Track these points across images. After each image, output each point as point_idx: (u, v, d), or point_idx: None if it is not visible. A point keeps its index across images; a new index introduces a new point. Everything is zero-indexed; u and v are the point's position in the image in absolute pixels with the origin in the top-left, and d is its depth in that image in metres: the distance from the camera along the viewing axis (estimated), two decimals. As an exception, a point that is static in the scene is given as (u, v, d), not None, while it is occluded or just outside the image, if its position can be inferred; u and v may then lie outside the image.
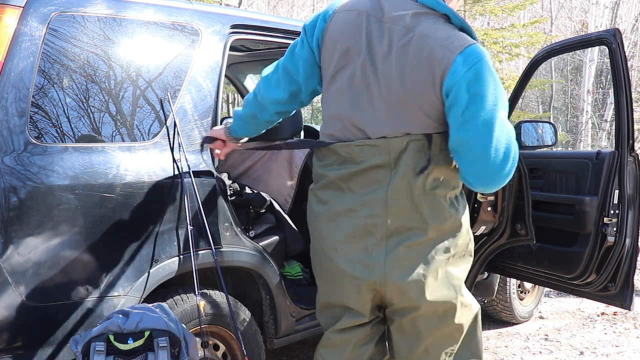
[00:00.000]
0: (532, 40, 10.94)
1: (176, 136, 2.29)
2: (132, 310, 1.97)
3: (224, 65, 2.52)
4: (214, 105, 2.44)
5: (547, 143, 3.38)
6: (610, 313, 4.43)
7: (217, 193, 2.41)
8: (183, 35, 2.42)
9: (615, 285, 2.65)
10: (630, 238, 2.61)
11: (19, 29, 1.98)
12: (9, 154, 1.92)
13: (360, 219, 1.84)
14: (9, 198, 1.90)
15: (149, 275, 2.19)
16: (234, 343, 2.48)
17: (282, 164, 3.09)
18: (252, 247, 2.53)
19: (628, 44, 16.05)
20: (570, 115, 19.16)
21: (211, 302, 2.38)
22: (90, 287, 2.06)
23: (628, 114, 2.58)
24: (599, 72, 17.21)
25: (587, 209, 2.71)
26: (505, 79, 11.07)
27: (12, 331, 1.92)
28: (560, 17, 19.13)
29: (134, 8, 2.29)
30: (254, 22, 2.75)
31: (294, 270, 3.19)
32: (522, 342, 3.89)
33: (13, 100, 1.95)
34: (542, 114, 16.84)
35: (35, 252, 1.94)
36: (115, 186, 2.11)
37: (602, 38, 2.67)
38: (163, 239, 2.23)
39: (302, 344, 3.66)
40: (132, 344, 1.89)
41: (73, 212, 2.01)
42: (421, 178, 1.77)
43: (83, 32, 2.14)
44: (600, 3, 14.54)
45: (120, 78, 2.25)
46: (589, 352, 3.71)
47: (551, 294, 4.97)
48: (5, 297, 1.90)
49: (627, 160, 2.61)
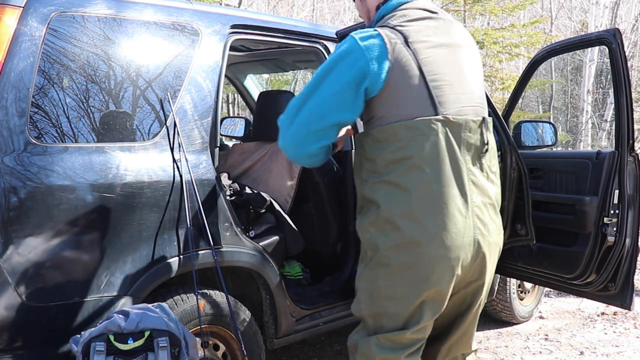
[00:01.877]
0: (532, 40, 10.94)
1: (176, 136, 2.29)
2: (132, 310, 1.97)
3: (224, 65, 2.52)
4: (214, 105, 2.44)
5: (547, 143, 3.38)
6: (610, 313, 4.43)
7: (217, 193, 2.41)
8: (183, 35, 2.42)
9: (615, 285, 2.65)
10: (630, 238, 2.61)
11: (19, 29, 1.98)
12: (9, 154, 1.92)
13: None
14: (9, 198, 1.90)
15: (149, 275, 2.19)
16: (234, 343, 2.48)
17: (282, 164, 3.09)
18: (252, 247, 2.53)
19: (628, 44, 16.04)
20: (570, 115, 19.16)
21: (211, 302, 2.38)
22: (90, 287, 2.06)
23: (628, 114, 2.58)
24: (599, 72, 17.21)
25: (587, 209, 2.71)
26: (505, 79, 11.07)
27: (12, 331, 1.93)
28: (560, 17, 19.13)
29: (134, 8, 2.29)
30: (254, 22, 2.75)
31: (294, 270, 3.19)
32: (522, 342, 3.89)
33: (13, 100, 1.95)
34: (542, 114, 16.83)
35: (35, 252, 1.94)
36: (115, 186, 2.11)
37: (602, 38, 2.67)
38: (163, 239, 2.23)
39: (302, 344, 3.66)
40: (132, 344, 1.90)
41: (73, 212, 2.01)
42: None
43: (83, 32, 2.14)
44: (600, 3, 14.53)
45: (120, 78, 2.25)
46: (589, 352, 3.71)
47: (551, 294, 4.97)
48: (5, 297, 1.90)
49: (627, 160, 2.61)
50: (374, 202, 1.89)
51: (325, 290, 3.06)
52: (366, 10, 2.09)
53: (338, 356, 3.57)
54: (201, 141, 2.38)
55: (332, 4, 19.42)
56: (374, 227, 1.90)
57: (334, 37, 2.97)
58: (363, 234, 1.95)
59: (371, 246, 1.92)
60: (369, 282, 1.94)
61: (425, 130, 1.82)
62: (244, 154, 3.27)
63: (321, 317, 2.93)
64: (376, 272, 1.91)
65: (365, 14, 2.11)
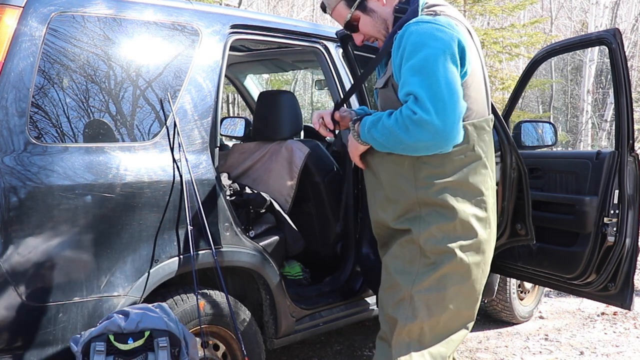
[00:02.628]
0: (532, 40, 10.94)
1: (176, 136, 2.29)
2: (132, 310, 1.97)
3: (224, 65, 2.52)
4: (214, 105, 2.44)
5: (547, 143, 3.37)
6: (610, 313, 4.43)
7: (217, 193, 2.41)
8: (183, 35, 2.42)
9: (615, 285, 2.65)
10: (630, 238, 2.61)
11: (19, 29, 1.98)
12: (9, 154, 1.92)
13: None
14: (9, 198, 1.90)
15: (149, 275, 2.19)
16: (234, 343, 2.48)
17: (282, 164, 3.09)
18: (252, 247, 2.53)
19: (628, 44, 16.04)
20: (570, 115, 19.15)
21: (211, 302, 2.38)
22: (90, 287, 2.06)
23: (628, 114, 2.58)
24: (599, 72, 17.20)
25: (587, 209, 2.70)
26: (505, 79, 11.08)
27: (12, 331, 1.93)
28: (560, 17, 19.12)
29: (134, 8, 2.29)
30: (254, 22, 2.75)
31: (294, 270, 3.19)
32: (522, 342, 3.88)
33: (13, 100, 1.95)
34: (542, 114, 16.83)
35: (35, 252, 1.94)
36: (115, 186, 2.11)
37: (602, 38, 2.66)
38: (163, 239, 2.23)
39: (302, 344, 3.66)
40: (132, 344, 1.90)
41: (73, 212, 2.01)
42: None
43: (83, 32, 2.14)
44: (600, 3, 14.53)
45: (120, 78, 2.25)
46: (589, 352, 3.71)
47: (551, 294, 4.97)
48: (5, 297, 1.90)
49: (627, 160, 2.60)
50: (444, 206, 1.85)
51: (325, 290, 3.06)
52: (382, 21, 2.00)
53: (338, 356, 3.57)
54: (201, 141, 2.38)
55: (332, 4, 19.38)
56: (443, 232, 1.86)
57: (334, 37, 2.97)
58: (426, 239, 1.88)
59: (437, 251, 1.87)
60: (433, 289, 1.89)
61: (487, 129, 1.87)
62: (244, 154, 3.27)
63: (321, 317, 2.93)
64: (445, 278, 1.88)
65: (381, 24, 2.01)
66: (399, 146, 1.79)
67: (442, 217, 1.85)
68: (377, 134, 1.83)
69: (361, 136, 1.91)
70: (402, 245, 1.93)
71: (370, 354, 3.57)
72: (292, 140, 3.14)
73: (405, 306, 1.90)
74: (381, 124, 1.81)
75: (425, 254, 1.88)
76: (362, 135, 1.91)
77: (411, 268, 1.91)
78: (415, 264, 1.90)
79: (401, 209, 1.92)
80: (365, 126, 1.87)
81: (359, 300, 3.11)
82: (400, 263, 1.93)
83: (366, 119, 1.90)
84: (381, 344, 2.01)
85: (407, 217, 1.91)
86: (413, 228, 1.89)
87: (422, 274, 1.89)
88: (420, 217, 1.88)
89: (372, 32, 2.04)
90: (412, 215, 1.90)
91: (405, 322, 1.90)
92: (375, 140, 1.85)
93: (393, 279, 1.94)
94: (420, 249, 1.89)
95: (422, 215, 1.88)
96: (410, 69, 1.74)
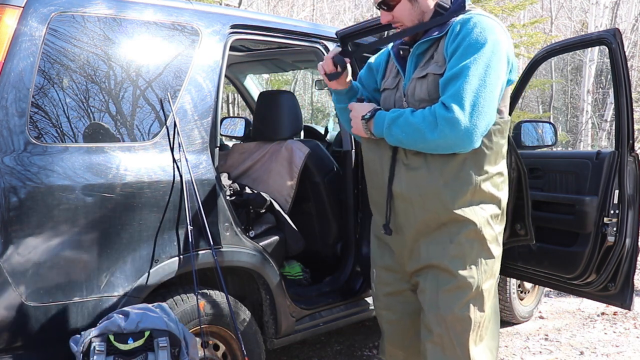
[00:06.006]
0: (532, 40, 10.93)
1: (176, 136, 2.29)
2: (132, 310, 1.97)
3: (224, 65, 2.52)
4: (214, 105, 2.44)
5: (547, 143, 3.37)
6: (610, 313, 4.43)
7: (217, 193, 2.41)
8: (183, 35, 2.42)
9: (615, 285, 2.65)
10: (630, 238, 2.61)
11: (19, 29, 1.98)
12: (9, 154, 1.92)
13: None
14: (9, 198, 1.90)
15: (149, 275, 2.19)
16: (234, 343, 2.48)
17: (282, 164, 3.09)
18: (252, 247, 2.53)
19: (628, 44, 16.03)
20: (570, 115, 19.14)
21: (211, 302, 2.38)
22: (90, 287, 2.06)
23: (628, 114, 2.58)
24: (599, 72, 17.19)
25: (587, 209, 2.71)
26: (505, 79, 11.04)
27: (12, 331, 1.92)
28: (560, 17, 19.11)
29: (134, 8, 2.29)
30: (254, 22, 2.75)
31: (294, 270, 3.19)
32: (522, 342, 3.88)
33: (13, 100, 1.95)
34: (542, 114, 16.82)
35: (35, 252, 1.94)
36: (115, 186, 2.11)
37: (602, 38, 2.66)
38: (163, 239, 2.23)
39: (302, 344, 3.66)
40: (132, 344, 1.90)
41: (73, 212, 2.01)
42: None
43: (83, 32, 2.14)
44: (600, 3, 14.52)
45: (120, 78, 2.25)
46: (589, 352, 3.71)
47: (551, 294, 4.97)
48: (5, 297, 1.90)
49: (627, 160, 2.61)
50: (494, 196, 1.93)
51: (325, 290, 3.06)
52: (420, 12, 1.95)
53: (338, 356, 3.56)
54: (201, 141, 2.38)
55: (332, 4, 19.41)
56: (495, 222, 1.95)
57: (334, 37, 2.97)
58: (486, 229, 1.91)
59: (493, 241, 1.95)
60: (493, 281, 1.97)
61: (507, 127, 1.96)
62: (244, 154, 3.27)
63: (321, 317, 2.93)
64: (497, 268, 1.98)
65: (417, 15, 1.95)
66: (419, 144, 1.82)
67: (495, 206, 1.94)
68: (396, 129, 1.84)
69: (375, 132, 1.92)
70: (461, 243, 1.91)
71: (371, 354, 3.57)
72: (292, 140, 3.14)
73: (477, 302, 1.93)
74: (403, 120, 1.83)
75: (484, 245, 1.93)
76: (375, 131, 1.91)
77: (477, 264, 1.93)
78: (479, 258, 1.93)
79: (467, 200, 1.90)
80: (384, 122, 1.87)
81: (359, 300, 3.11)
82: (461, 262, 1.91)
83: (383, 115, 1.89)
84: (435, 348, 1.96)
85: (466, 207, 1.90)
86: (474, 219, 1.90)
87: (486, 266, 1.94)
88: (479, 207, 1.91)
89: (405, 18, 1.97)
90: (470, 206, 1.90)
91: (476, 319, 1.93)
92: (392, 136, 1.86)
93: (459, 279, 1.91)
94: (480, 242, 1.92)
95: (480, 206, 1.91)
96: (462, 58, 1.77)
